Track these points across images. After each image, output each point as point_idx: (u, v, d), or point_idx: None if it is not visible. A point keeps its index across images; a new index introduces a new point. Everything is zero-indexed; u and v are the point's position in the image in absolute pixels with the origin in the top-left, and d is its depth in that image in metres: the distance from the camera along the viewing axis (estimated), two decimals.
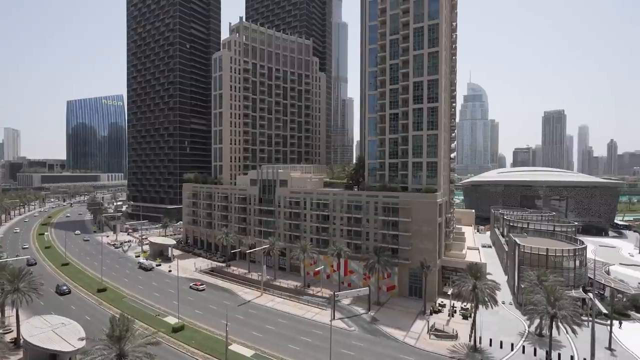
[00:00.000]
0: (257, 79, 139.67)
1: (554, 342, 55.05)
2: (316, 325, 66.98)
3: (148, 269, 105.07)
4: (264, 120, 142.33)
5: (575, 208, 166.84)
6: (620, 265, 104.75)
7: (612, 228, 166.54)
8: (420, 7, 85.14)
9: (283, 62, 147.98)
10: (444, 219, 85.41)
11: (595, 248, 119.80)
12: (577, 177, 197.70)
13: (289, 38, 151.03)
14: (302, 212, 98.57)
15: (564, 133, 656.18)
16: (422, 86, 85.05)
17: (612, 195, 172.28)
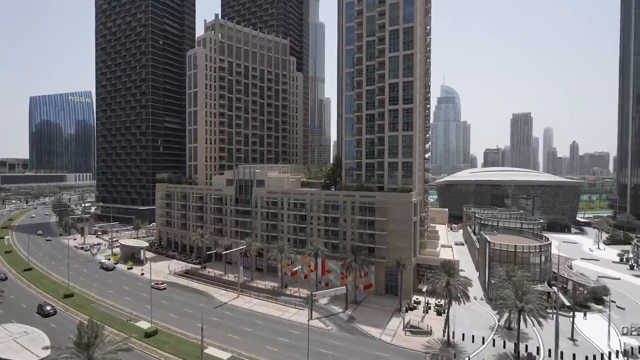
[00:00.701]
0: (233, 77, 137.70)
1: (522, 335, 57.56)
2: (294, 326, 66.88)
3: (110, 268, 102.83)
4: (241, 120, 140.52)
5: (541, 206, 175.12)
6: (581, 260, 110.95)
7: (574, 225, 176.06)
8: (396, 10, 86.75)
9: (260, 61, 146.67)
10: (418, 218, 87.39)
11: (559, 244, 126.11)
12: (543, 177, 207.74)
13: (266, 37, 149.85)
14: (280, 212, 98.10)
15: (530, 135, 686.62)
16: (397, 88, 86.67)
17: (574, 194, 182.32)
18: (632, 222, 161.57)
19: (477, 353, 56.63)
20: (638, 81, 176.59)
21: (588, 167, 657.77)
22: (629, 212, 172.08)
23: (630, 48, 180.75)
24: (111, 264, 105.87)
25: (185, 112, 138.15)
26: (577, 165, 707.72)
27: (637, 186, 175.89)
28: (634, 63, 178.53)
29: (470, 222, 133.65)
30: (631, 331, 61.87)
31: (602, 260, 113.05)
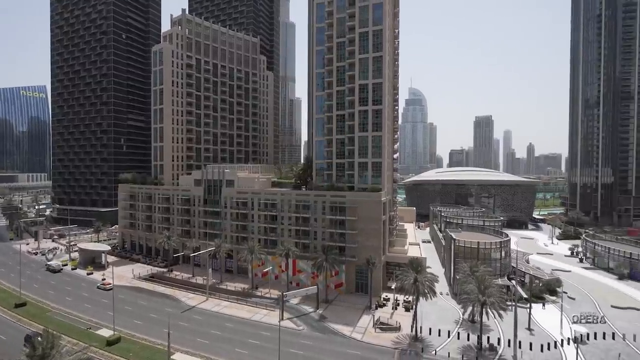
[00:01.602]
0: (201, 75, 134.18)
1: (484, 327, 60.48)
2: (265, 327, 66.29)
3: (56, 270, 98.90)
4: (209, 119, 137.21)
5: (501, 204, 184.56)
6: (537, 254, 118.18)
7: (530, 222, 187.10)
8: (366, 12, 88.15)
9: (229, 58, 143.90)
10: (388, 217, 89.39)
11: (517, 240, 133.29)
12: (503, 176, 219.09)
13: (236, 34, 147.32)
14: (250, 213, 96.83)
15: (491, 136, 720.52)
16: (367, 89, 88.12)
17: (531, 192, 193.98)
18: (582, 218, 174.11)
19: (443, 346, 58.82)
20: (586, 88, 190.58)
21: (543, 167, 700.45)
22: (579, 209, 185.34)
23: (579, 57, 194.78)
24: (58, 265, 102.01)
25: (151, 110, 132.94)
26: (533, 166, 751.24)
27: (585, 185, 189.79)
28: (583, 71, 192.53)
29: (437, 220, 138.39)
30: (580, 319, 66.76)
31: (556, 255, 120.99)
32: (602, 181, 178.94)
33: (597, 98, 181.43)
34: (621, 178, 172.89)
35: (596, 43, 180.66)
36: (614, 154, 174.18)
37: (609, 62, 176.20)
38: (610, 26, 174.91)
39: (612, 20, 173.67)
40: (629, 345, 58.82)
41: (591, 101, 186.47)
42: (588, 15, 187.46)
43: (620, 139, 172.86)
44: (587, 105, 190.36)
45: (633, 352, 56.43)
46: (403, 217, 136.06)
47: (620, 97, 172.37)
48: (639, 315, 70.94)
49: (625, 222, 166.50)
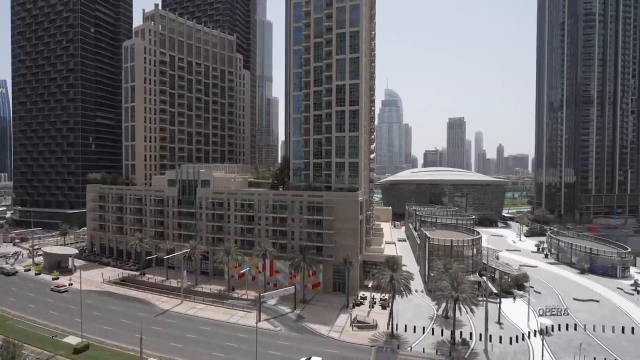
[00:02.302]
0: (175, 72, 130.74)
1: (457, 322, 62.37)
2: (242, 329, 65.51)
3: (10, 273, 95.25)
4: (184, 117, 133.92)
5: (473, 203, 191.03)
6: (506, 251, 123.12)
7: (500, 220, 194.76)
8: (343, 13, 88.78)
9: (205, 56, 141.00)
10: (364, 217, 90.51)
11: (488, 237, 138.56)
12: (474, 176, 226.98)
13: (211, 32, 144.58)
14: (226, 214, 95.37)
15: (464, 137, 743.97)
16: (344, 89, 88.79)
17: (500, 192, 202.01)
18: (547, 216, 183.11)
19: (418, 342, 60.23)
20: (551, 92, 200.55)
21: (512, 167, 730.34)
22: (544, 208, 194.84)
23: (544, 62, 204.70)
24: (12, 268, 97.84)
25: (122, 108, 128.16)
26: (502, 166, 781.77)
27: (550, 185, 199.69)
28: (547, 76, 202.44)
29: (412, 219, 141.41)
30: (546, 312, 70.43)
31: (523, 251, 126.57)
32: (565, 181, 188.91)
33: (561, 102, 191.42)
34: (582, 178, 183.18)
35: (559, 49, 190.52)
36: (576, 155, 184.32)
37: (571, 68, 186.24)
38: (572, 34, 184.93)
39: (574, 29, 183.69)
40: (589, 335, 62.40)
41: (555, 104, 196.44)
42: (552, 23, 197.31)
43: (582, 140, 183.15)
44: (551, 108, 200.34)
45: (593, 342, 59.92)
46: (379, 217, 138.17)
47: (581, 101, 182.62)
48: (598, 307, 75.41)
49: (586, 219, 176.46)
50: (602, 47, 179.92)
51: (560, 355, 55.90)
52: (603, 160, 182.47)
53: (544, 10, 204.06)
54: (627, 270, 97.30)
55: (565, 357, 55.37)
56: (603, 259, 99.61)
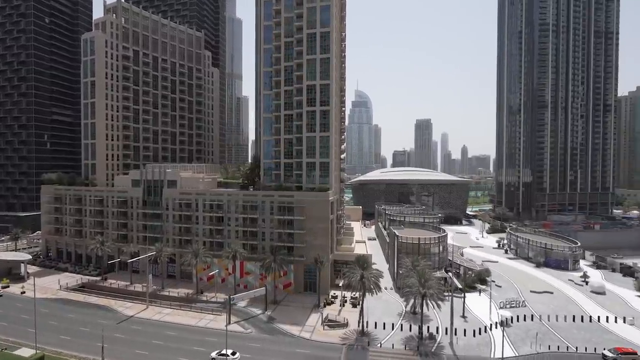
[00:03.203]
0: (139, 68, 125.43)
1: (424, 317, 64.44)
2: (211, 333, 64.04)
3: None
4: (149, 115, 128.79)
5: (439, 202, 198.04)
6: (470, 247, 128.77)
7: (464, 218, 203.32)
8: (314, 14, 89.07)
9: (171, 52, 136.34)
10: (335, 216, 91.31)
11: (453, 235, 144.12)
12: (440, 176, 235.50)
13: (178, 27, 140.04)
14: (194, 215, 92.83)
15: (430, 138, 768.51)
16: (315, 90, 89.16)
17: (464, 191, 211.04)
18: (506, 214, 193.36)
19: (388, 339, 61.68)
20: (510, 96, 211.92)
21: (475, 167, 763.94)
22: (504, 206, 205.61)
23: (504, 68, 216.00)
24: None
25: (80, 104, 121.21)
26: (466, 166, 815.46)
27: (510, 184, 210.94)
28: (507, 81, 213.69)
29: (381, 218, 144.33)
30: (506, 305, 74.34)
31: (485, 247, 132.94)
32: (523, 180, 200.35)
33: (519, 106, 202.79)
34: (538, 177, 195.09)
35: (518, 56, 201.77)
36: (532, 156, 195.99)
37: (528, 74, 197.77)
38: (529, 42, 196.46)
39: (531, 38, 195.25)
40: (544, 325, 66.65)
41: (514, 108, 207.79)
42: (511, 31, 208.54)
43: (537, 142, 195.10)
44: (511, 111, 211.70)
45: (547, 331, 64.05)
46: (350, 216, 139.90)
47: (537, 105, 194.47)
48: (552, 298, 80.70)
49: (542, 216, 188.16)
50: (555, 55, 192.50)
51: (519, 344, 59.28)
52: (556, 161, 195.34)
53: (504, 18, 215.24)
54: (577, 263, 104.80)
55: (523, 346, 58.79)
56: (556, 253, 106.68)
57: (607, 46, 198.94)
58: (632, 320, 67.97)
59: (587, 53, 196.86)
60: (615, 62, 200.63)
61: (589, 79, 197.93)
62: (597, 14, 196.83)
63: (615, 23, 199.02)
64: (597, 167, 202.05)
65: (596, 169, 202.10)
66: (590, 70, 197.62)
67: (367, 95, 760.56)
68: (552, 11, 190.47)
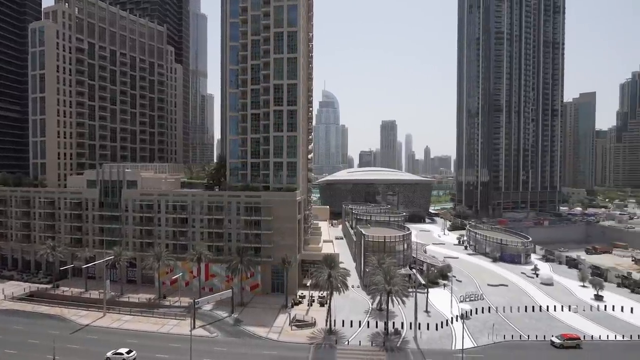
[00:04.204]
0: (95, 62, 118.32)
1: (390, 314, 66.15)
2: (174, 338, 61.85)
3: None
4: (106, 111, 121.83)
5: (403, 201, 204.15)
6: (432, 244, 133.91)
7: (427, 216, 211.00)
8: (281, 13, 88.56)
9: (131, 46, 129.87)
10: (303, 216, 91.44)
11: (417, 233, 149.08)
12: (405, 176, 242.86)
13: (138, 20, 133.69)
14: (156, 216, 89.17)
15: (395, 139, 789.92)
16: (282, 89, 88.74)
17: (427, 190, 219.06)
18: (466, 212, 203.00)
19: (355, 336, 62.72)
20: (469, 99, 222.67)
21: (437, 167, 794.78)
22: (464, 204, 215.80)
23: (463, 73, 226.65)
24: None
25: (28, 99, 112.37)
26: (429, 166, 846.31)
27: (469, 183, 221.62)
28: (466, 85, 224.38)
29: (349, 217, 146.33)
30: (465, 298, 78.15)
31: (447, 244, 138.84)
32: (481, 180, 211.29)
33: (477, 109, 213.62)
34: (494, 177, 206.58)
35: (476, 62, 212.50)
36: (489, 157, 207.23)
37: (485, 79, 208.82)
38: (485, 49, 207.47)
39: (487, 45, 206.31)
40: (500, 316, 70.79)
41: (473, 111, 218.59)
42: (470, 38, 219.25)
43: (493, 144, 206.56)
44: (469, 114, 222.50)
45: (503, 321, 68.08)
46: (317, 216, 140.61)
47: (493, 109, 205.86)
48: (507, 290, 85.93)
49: (498, 214, 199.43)
50: (509, 62, 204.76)
51: (477, 335, 62.55)
52: (510, 162, 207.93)
53: (463, 25, 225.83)
54: (528, 257, 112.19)
55: (481, 337, 62.10)
56: (510, 248, 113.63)
57: (555, 55, 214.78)
58: (576, 308, 73.95)
59: (537, 61, 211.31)
60: (561, 70, 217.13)
61: (539, 85, 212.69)
62: (546, 25, 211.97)
63: (561, 34, 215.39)
64: (546, 168, 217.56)
65: (545, 169, 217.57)
66: (540, 77, 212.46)
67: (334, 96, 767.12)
68: (506, 20, 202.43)
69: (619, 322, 68.40)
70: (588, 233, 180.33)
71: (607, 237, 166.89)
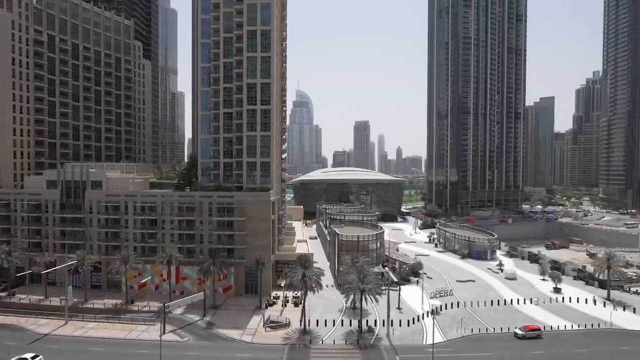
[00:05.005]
0: (56, 55, 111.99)
1: (364, 312, 67.18)
2: (143, 345, 59.69)
3: None
4: (68, 108, 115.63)
5: (376, 200, 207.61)
6: (404, 243, 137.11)
7: (399, 215, 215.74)
8: (254, 11, 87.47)
9: (95, 40, 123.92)
10: (277, 216, 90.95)
11: (390, 231, 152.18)
12: (377, 176, 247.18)
13: (103, 13, 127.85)
14: (123, 218, 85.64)
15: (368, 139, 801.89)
16: (255, 88, 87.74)
17: (400, 189, 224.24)
18: (436, 210, 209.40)
19: (329, 335, 63.13)
20: (439, 102, 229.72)
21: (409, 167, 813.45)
22: (435, 203, 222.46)
23: (433, 75, 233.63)
24: None
25: None
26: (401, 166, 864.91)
27: (439, 183, 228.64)
28: (436, 87, 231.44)
29: (322, 217, 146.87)
30: (436, 295, 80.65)
31: (418, 242, 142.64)
32: (450, 179, 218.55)
33: (446, 111, 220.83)
34: (462, 177, 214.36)
35: (445, 66, 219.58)
36: (458, 157, 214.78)
37: (454, 82, 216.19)
38: (454, 53, 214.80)
39: (456, 49, 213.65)
40: (468, 310, 73.65)
41: (442, 113, 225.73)
42: (439, 42, 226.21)
43: (462, 145, 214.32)
44: (439, 116, 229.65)
45: (471, 316, 70.88)
46: (292, 216, 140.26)
47: (461, 111, 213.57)
48: (474, 286, 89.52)
49: (466, 212, 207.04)
50: (476, 66, 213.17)
51: (447, 330, 64.76)
52: (477, 162, 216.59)
53: (433, 29, 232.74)
54: (494, 254, 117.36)
55: (450, 331, 64.33)
56: (478, 245, 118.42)
57: (517, 61, 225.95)
58: (537, 301, 78.23)
59: (501, 66, 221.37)
60: (523, 75, 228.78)
61: (503, 89, 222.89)
62: (509, 32, 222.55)
63: (523, 41, 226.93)
64: (510, 168, 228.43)
65: (509, 169, 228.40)
66: (504, 81, 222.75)
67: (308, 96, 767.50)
68: (473, 26, 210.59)
69: (576, 312, 73.07)
70: (548, 230, 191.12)
71: (564, 233, 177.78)
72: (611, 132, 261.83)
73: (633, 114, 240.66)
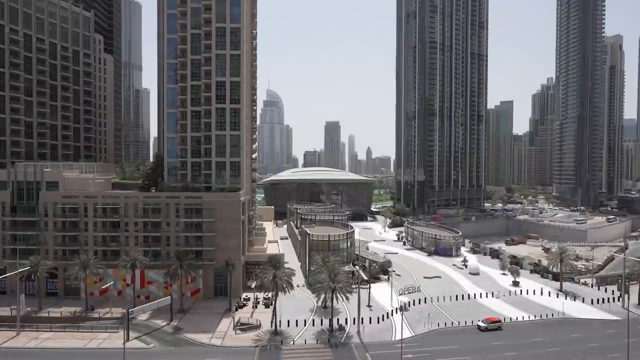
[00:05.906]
0: (5, 46, 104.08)
1: (335, 310, 67.71)
2: (105, 354, 56.86)
3: None
4: (19, 103, 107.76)
5: (347, 200, 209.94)
6: (374, 241, 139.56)
7: (369, 214, 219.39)
8: (223, 8, 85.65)
9: (50, 31, 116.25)
10: (247, 217, 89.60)
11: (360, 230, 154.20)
12: (348, 175, 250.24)
13: (59, 3, 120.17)
14: (82, 221, 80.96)
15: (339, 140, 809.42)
16: (224, 86, 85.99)
17: (369, 189, 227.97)
18: (405, 209, 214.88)
19: (300, 335, 63.15)
20: (407, 104, 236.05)
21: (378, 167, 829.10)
22: (403, 202, 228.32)
23: (402, 78, 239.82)
24: None
25: None
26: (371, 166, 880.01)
27: (407, 182, 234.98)
28: (404, 90, 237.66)
29: (293, 217, 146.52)
30: (404, 291, 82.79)
31: (387, 240, 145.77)
32: (417, 179, 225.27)
33: (414, 113, 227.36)
34: (429, 176, 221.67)
35: (412, 69, 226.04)
36: (425, 158, 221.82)
37: (421, 85, 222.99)
38: (421, 57, 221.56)
39: (423, 53, 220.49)
40: (434, 305, 76.31)
41: (410, 115, 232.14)
42: (407, 45, 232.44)
43: (428, 146, 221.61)
44: (407, 117, 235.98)
45: (437, 311, 73.45)
46: (262, 216, 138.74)
47: (428, 113, 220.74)
48: (440, 282, 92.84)
49: (432, 210, 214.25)
50: (442, 70, 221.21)
51: (415, 325, 66.72)
52: (443, 162, 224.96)
53: (402, 33, 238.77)
54: (459, 250, 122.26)
55: (418, 326, 66.35)
56: (443, 242, 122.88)
57: (480, 66, 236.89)
58: (498, 294, 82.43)
59: (465, 70, 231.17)
60: (485, 80, 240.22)
61: (467, 92, 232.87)
62: (472, 39, 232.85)
63: (485, 47, 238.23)
64: (473, 168, 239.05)
65: (472, 169, 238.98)
66: (468, 85, 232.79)
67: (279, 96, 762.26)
68: (439, 32, 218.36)
69: (533, 304, 77.70)
70: (508, 226, 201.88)
71: (522, 229, 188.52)
72: (563, 135, 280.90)
73: (582, 119, 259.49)
